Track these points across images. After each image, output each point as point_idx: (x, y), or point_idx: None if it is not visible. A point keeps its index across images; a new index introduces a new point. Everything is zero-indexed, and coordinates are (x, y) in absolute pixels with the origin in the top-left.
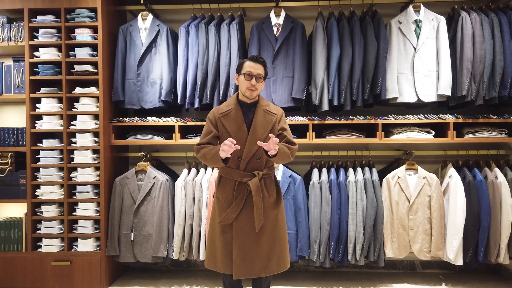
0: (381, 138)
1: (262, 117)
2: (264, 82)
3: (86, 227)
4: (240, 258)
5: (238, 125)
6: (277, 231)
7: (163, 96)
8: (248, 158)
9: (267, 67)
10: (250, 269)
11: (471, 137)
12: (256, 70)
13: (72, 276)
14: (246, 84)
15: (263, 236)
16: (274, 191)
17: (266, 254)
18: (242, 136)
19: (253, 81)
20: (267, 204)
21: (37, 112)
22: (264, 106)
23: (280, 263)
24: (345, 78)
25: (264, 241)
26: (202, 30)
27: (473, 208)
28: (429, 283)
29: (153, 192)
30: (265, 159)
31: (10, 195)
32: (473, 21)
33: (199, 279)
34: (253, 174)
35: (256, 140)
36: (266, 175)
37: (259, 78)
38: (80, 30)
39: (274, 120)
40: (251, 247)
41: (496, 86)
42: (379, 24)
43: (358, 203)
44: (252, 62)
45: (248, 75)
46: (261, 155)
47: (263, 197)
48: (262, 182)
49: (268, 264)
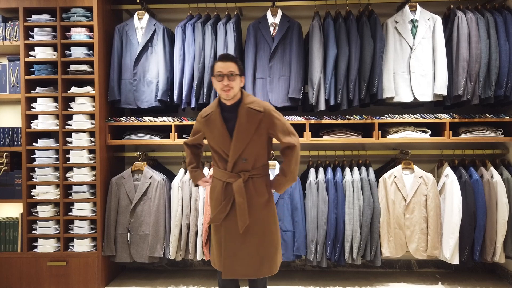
0: (378, 138)
1: (245, 117)
2: (241, 78)
3: (82, 227)
4: (227, 258)
5: (218, 129)
6: (267, 234)
7: (160, 96)
8: (233, 160)
9: (240, 63)
10: (236, 270)
11: (467, 137)
12: (226, 69)
13: (68, 277)
14: (219, 85)
15: (250, 238)
16: (264, 191)
17: (254, 256)
18: (225, 139)
19: (225, 80)
20: (255, 205)
21: (32, 111)
22: (248, 104)
23: (267, 266)
24: (341, 78)
25: (252, 243)
26: (199, 30)
27: (469, 207)
28: (426, 282)
29: (149, 192)
30: (254, 160)
31: (5, 195)
32: (469, 21)
33: (196, 279)
34: (239, 175)
35: (241, 143)
36: (254, 175)
37: (232, 76)
38: (75, 30)
39: (259, 118)
40: (238, 248)
41: (492, 86)
42: (375, 24)
43: (355, 202)
44: (221, 62)
45: (219, 75)
46: (247, 156)
47: (251, 198)
48: (250, 182)
49: (255, 267)
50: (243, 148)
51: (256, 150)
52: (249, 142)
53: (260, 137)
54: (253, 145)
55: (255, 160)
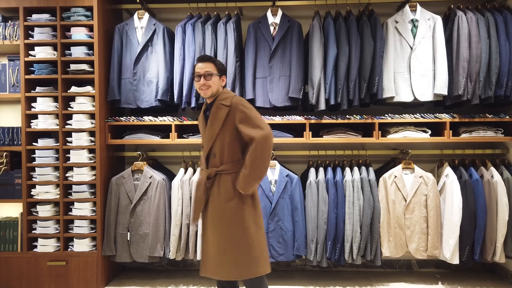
0: (378, 138)
1: (214, 112)
2: (222, 77)
3: (82, 227)
4: (202, 256)
5: (201, 127)
6: (227, 233)
7: (160, 95)
8: (205, 156)
9: (218, 63)
10: (207, 269)
11: (467, 136)
12: (203, 69)
13: (68, 276)
14: (197, 85)
15: (213, 236)
16: (230, 189)
17: (215, 257)
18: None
19: (202, 80)
20: (218, 202)
21: (32, 111)
22: (220, 100)
23: (227, 269)
24: (341, 78)
25: (213, 242)
26: (199, 29)
27: (469, 207)
28: (426, 282)
29: (149, 191)
30: (221, 155)
31: (5, 195)
32: (469, 21)
33: (196, 278)
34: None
35: (210, 137)
36: (222, 172)
37: (208, 75)
38: (75, 29)
39: (225, 113)
40: (206, 245)
41: (492, 86)
42: (375, 24)
43: (355, 202)
44: (199, 63)
45: (197, 76)
46: (216, 151)
47: (215, 195)
48: (217, 179)
49: (218, 268)
50: (211, 143)
51: (223, 145)
52: (216, 137)
53: (227, 132)
54: (220, 140)
55: (223, 155)
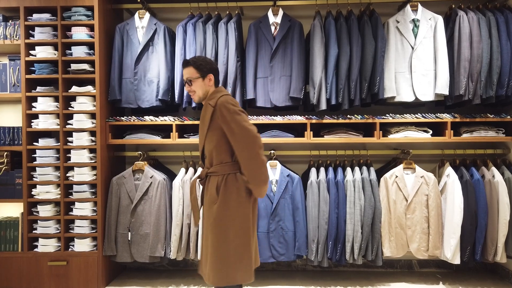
0: (379, 137)
1: (203, 113)
2: (205, 79)
3: (83, 227)
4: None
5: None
6: (209, 237)
7: (160, 95)
8: (200, 156)
9: (198, 64)
10: (201, 268)
11: (469, 136)
12: (185, 75)
13: (69, 276)
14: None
15: (205, 239)
16: (213, 191)
17: (205, 258)
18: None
19: (187, 86)
20: (206, 207)
21: (33, 111)
22: (208, 100)
23: (211, 274)
24: (343, 77)
25: (205, 243)
26: (200, 29)
27: (471, 207)
28: (427, 282)
29: (150, 191)
30: (210, 157)
31: (5, 195)
32: (471, 21)
33: (197, 278)
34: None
35: (201, 138)
36: (211, 173)
37: (189, 81)
38: (76, 29)
39: (210, 112)
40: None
41: (493, 85)
42: (376, 23)
43: (356, 202)
44: (183, 69)
45: (185, 81)
46: (206, 152)
47: (205, 197)
48: (207, 181)
49: (204, 269)
50: (202, 144)
51: (211, 147)
52: (205, 138)
53: (214, 132)
54: (209, 141)
55: (212, 157)
